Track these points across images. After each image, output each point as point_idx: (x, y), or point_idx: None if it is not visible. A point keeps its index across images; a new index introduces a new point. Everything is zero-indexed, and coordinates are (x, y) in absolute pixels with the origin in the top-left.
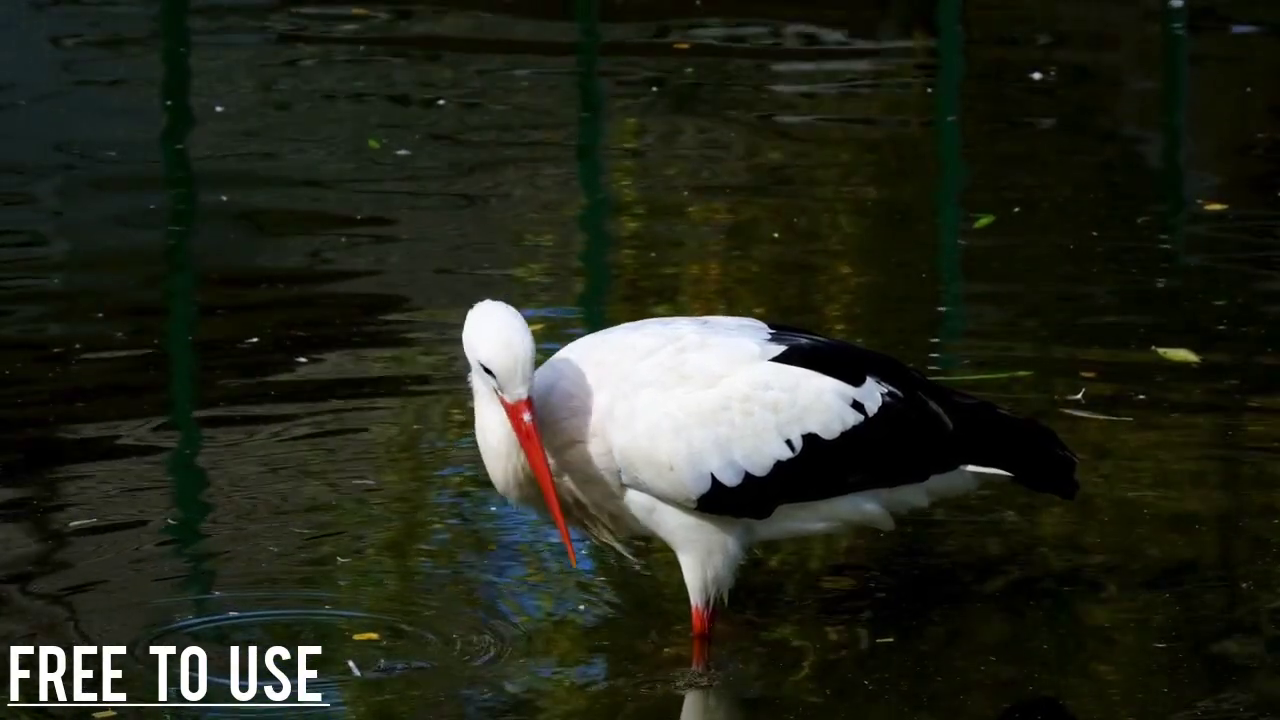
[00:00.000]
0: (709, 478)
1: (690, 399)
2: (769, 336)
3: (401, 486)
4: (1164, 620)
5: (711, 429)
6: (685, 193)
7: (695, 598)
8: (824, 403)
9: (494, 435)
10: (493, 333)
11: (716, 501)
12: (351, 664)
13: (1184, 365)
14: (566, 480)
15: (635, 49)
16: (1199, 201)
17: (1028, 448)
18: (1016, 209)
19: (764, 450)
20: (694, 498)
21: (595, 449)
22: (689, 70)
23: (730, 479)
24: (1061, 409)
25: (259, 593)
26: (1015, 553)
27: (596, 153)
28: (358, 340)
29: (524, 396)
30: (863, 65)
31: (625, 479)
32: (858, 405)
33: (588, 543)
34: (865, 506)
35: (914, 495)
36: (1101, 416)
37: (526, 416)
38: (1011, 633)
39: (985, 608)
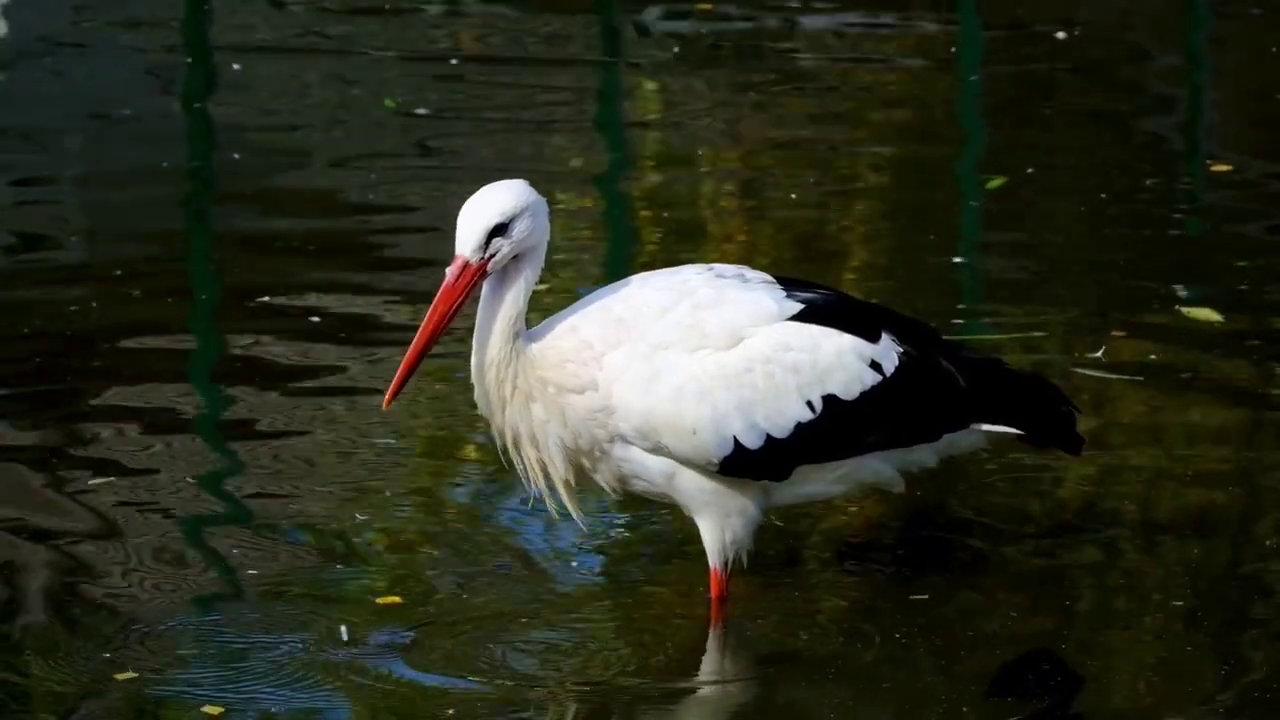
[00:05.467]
0: (731, 441)
1: (713, 361)
2: (784, 292)
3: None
4: (1191, 578)
5: (735, 392)
6: (701, 150)
7: (714, 560)
8: (843, 363)
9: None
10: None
11: (737, 464)
12: (342, 629)
13: (1208, 324)
14: (554, 427)
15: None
16: (1208, 163)
17: (1035, 404)
18: (1030, 169)
19: (785, 412)
20: (715, 461)
21: (591, 403)
22: (705, 30)
23: (752, 442)
24: (1078, 368)
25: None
26: (1042, 512)
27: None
28: (374, 292)
29: (469, 258)
30: (886, 25)
31: (645, 444)
32: (876, 365)
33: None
34: (879, 467)
35: (925, 455)
36: (1124, 378)
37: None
38: (1041, 590)
39: (1014, 566)
